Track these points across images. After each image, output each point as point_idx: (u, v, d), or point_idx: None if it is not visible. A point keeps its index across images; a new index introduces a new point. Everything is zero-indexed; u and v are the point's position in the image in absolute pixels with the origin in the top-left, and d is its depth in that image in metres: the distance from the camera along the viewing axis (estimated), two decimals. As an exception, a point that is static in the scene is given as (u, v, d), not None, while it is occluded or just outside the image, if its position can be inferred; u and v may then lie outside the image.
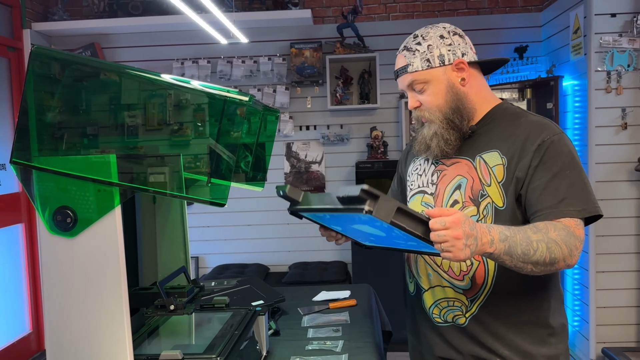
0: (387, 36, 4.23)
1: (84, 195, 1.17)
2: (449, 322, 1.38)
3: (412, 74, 1.37)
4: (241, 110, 1.15)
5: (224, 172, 1.17)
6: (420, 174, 1.48)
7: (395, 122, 4.29)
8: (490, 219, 1.31)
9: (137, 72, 1.17)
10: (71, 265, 1.18)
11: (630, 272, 3.38)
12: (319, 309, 2.03)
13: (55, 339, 1.20)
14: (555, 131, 1.32)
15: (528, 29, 4.25)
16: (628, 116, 3.33)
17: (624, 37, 3.30)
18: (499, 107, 1.40)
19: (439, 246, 1.07)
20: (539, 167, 1.28)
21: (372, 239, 1.29)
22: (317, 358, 1.55)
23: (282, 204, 4.81)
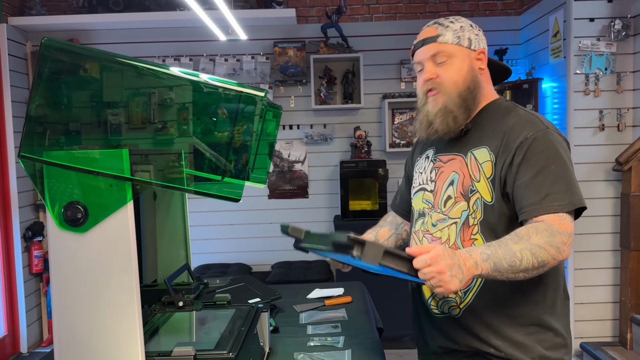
0: (371, 37, 4.27)
1: (95, 191, 1.15)
2: (446, 312, 1.41)
3: (440, 44, 1.38)
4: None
5: (239, 167, 1.17)
6: (421, 172, 1.52)
7: (378, 122, 4.33)
8: (480, 213, 1.34)
9: (153, 67, 1.15)
10: (82, 261, 1.16)
11: (607, 269, 3.49)
12: (315, 306, 2.04)
13: (64, 335, 1.18)
14: (540, 127, 1.33)
15: (507, 32, 4.34)
16: (605, 118, 3.43)
17: (602, 41, 3.40)
18: (493, 102, 1.43)
19: (428, 283, 1.12)
20: (522, 165, 1.30)
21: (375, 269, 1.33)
22: (321, 354, 1.56)
23: (264, 203, 4.80)
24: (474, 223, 1.35)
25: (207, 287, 1.49)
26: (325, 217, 4.38)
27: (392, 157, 4.24)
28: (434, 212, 1.43)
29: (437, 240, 1.41)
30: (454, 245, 1.37)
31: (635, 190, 3.22)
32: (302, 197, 4.39)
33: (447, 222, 1.39)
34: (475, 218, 1.34)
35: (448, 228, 1.39)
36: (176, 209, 1.65)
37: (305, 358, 1.52)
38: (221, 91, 1.16)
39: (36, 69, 1.13)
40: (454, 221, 1.38)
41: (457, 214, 1.38)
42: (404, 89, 4.27)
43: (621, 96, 3.43)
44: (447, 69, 1.38)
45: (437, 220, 1.42)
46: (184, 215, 1.65)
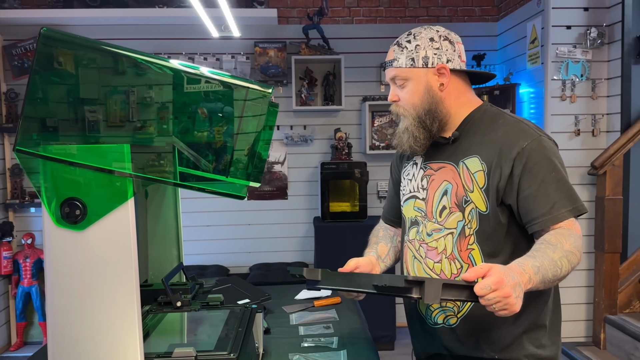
0: (352, 39, 4.28)
1: (94, 187, 1.12)
2: (439, 324, 1.41)
3: (396, 69, 1.41)
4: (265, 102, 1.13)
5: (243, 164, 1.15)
6: (410, 179, 1.51)
7: (358, 125, 4.34)
8: (475, 223, 1.35)
9: (156, 60, 1.13)
10: (79, 259, 1.13)
11: (581, 271, 3.57)
12: (304, 307, 2.02)
13: (59, 336, 1.13)
14: (533, 135, 1.34)
15: (485, 37, 4.41)
16: (581, 123, 3.52)
17: (578, 49, 3.49)
18: (478, 109, 1.43)
19: (492, 307, 1.11)
20: (523, 176, 1.31)
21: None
22: (316, 354, 1.55)
23: (242, 204, 4.73)
24: (470, 233, 1.35)
25: (203, 287, 1.46)
26: (304, 219, 4.36)
27: (372, 159, 4.26)
28: (429, 221, 1.43)
29: (433, 250, 1.40)
30: (450, 255, 1.38)
31: (609, 194, 3.31)
32: (281, 199, 4.36)
33: (443, 232, 1.39)
34: (471, 228, 1.35)
35: (444, 238, 1.39)
36: (168, 208, 1.62)
37: (301, 359, 1.51)
38: (228, 86, 1.13)
39: (34, 60, 1.09)
40: (450, 231, 1.38)
41: (452, 224, 1.38)
42: (383, 92, 4.29)
43: (596, 102, 3.53)
44: (405, 92, 1.41)
45: (432, 230, 1.42)
46: (177, 215, 1.62)
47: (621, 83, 3.37)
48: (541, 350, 1.38)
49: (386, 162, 4.30)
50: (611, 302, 3.35)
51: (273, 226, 4.38)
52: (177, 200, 1.61)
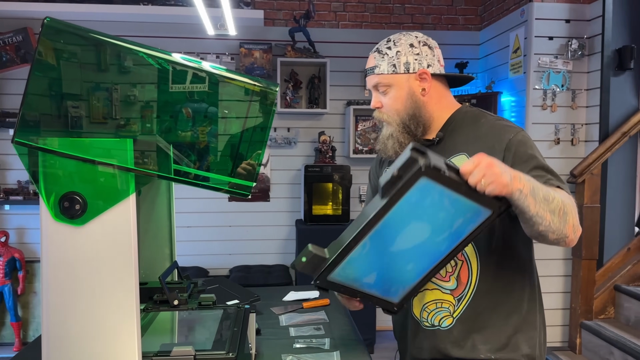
0: (337, 43, 4.30)
1: (96, 181, 1.10)
2: (436, 325, 1.41)
3: (378, 75, 1.43)
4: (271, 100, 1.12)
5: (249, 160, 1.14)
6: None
7: (341, 129, 4.36)
8: None
9: (163, 55, 1.11)
10: (78, 255, 1.10)
11: (558, 277, 3.64)
12: (293, 308, 2.01)
13: (55, 334, 1.11)
14: (516, 129, 1.40)
15: (467, 46, 4.48)
16: (560, 132, 3.60)
17: (560, 59, 3.57)
18: (459, 111, 1.47)
19: (480, 185, 1.08)
20: (516, 165, 1.33)
21: (406, 277, 1.25)
22: (309, 356, 1.54)
23: (223, 205, 4.69)
24: None
25: (197, 286, 1.44)
26: (286, 222, 4.35)
27: (355, 163, 4.27)
28: None
29: None
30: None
31: (587, 202, 3.39)
32: (263, 201, 4.34)
33: None
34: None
35: None
36: (162, 206, 1.60)
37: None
38: (235, 84, 1.13)
39: (36, 50, 1.07)
40: None
41: None
42: (367, 97, 4.32)
43: (575, 112, 3.61)
44: (388, 99, 1.43)
45: None
46: (170, 213, 1.60)
47: (600, 94, 3.45)
48: (537, 350, 1.41)
49: (369, 166, 4.32)
50: (587, 307, 3.42)
51: (254, 228, 4.35)
52: (171, 198, 1.59)
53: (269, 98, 1.13)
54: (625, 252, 3.47)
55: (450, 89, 1.50)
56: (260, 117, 1.14)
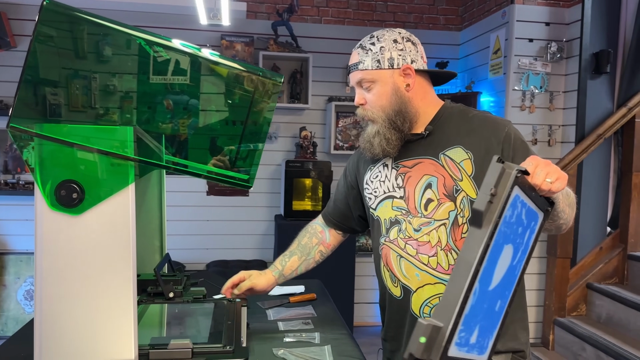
0: (320, 39, 4.29)
1: (94, 170, 1.07)
2: None
3: (362, 71, 1.43)
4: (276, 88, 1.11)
5: (251, 152, 1.13)
6: (383, 180, 1.50)
7: (322, 124, 4.36)
8: (467, 211, 1.38)
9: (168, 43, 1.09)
10: (74, 245, 1.07)
11: (532, 275, 3.72)
12: (280, 302, 2.00)
13: (48, 325, 1.07)
14: (506, 121, 1.43)
15: (447, 46, 4.53)
16: (538, 133, 3.67)
17: (539, 61, 3.64)
18: (444, 107, 1.48)
19: (546, 183, 1.04)
20: (515, 155, 1.37)
21: (495, 319, 1.05)
22: (301, 349, 1.53)
23: (202, 200, 4.64)
24: (463, 222, 1.38)
25: (190, 279, 1.42)
26: (265, 217, 4.33)
27: (336, 159, 4.27)
28: (413, 217, 1.42)
29: (426, 245, 1.40)
30: (446, 246, 1.38)
31: (563, 202, 3.47)
32: (242, 195, 4.31)
33: (434, 225, 1.40)
34: (463, 217, 1.37)
35: (436, 230, 1.39)
36: (152, 198, 1.57)
37: (286, 354, 1.49)
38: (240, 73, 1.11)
39: (34, 33, 1.03)
40: (442, 222, 1.39)
41: (444, 215, 1.39)
42: (349, 93, 4.33)
43: (553, 114, 3.69)
44: (372, 95, 1.43)
45: (420, 224, 1.41)
46: (161, 205, 1.57)
47: (577, 96, 3.53)
48: (528, 338, 1.44)
49: (349, 163, 4.34)
50: (560, 305, 3.51)
51: (232, 223, 4.32)
52: (162, 190, 1.56)
53: (273, 89, 1.11)
54: (598, 251, 3.57)
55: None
56: (263, 107, 1.13)
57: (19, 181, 3.95)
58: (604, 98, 3.52)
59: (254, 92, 1.11)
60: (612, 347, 3.00)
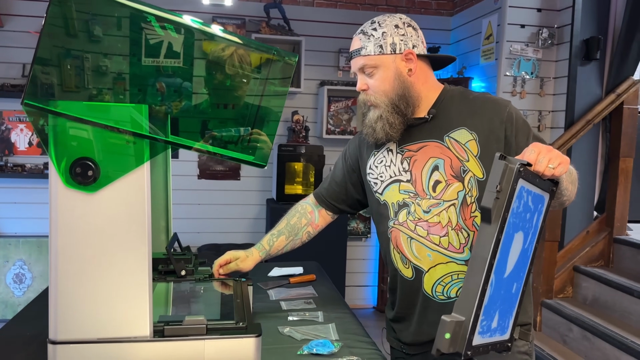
0: (312, 22, 4.27)
1: (109, 147, 1.07)
2: (452, 297, 1.44)
3: (364, 57, 1.44)
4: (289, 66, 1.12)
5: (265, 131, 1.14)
6: (388, 165, 1.52)
7: (314, 109, 4.36)
8: (475, 190, 1.41)
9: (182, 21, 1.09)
10: (90, 222, 1.07)
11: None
12: (280, 283, 2.03)
13: (63, 303, 1.08)
14: (507, 101, 1.46)
15: (438, 31, 4.54)
16: (528, 118, 3.72)
17: (530, 47, 3.68)
18: (444, 91, 1.50)
19: (549, 169, 1.09)
20: (518, 135, 1.41)
21: (512, 301, 1.13)
22: (305, 327, 1.56)
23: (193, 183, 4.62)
24: (472, 201, 1.41)
25: (197, 258, 1.43)
26: (256, 200, 4.34)
27: (328, 143, 4.28)
28: (422, 199, 1.44)
29: (436, 225, 1.42)
30: (457, 226, 1.41)
31: (552, 186, 3.53)
32: (233, 179, 4.31)
33: (444, 206, 1.42)
34: (472, 196, 1.41)
35: (446, 211, 1.42)
36: (158, 178, 1.57)
37: (292, 332, 1.52)
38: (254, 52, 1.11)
39: (49, 8, 1.02)
40: (451, 203, 1.42)
41: (452, 196, 1.42)
42: (341, 78, 4.33)
43: (543, 99, 3.74)
44: (375, 80, 1.44)
45: (429, 205, 1.43)
46: (167, 185, 1.57)
47: (567, 82, 3.58)
48: (532, 311, 1.49)
49: (340, 147, 4.35)
50: (548, 287, 3.58)
51: (224, 207, 4.32)
52: (168, 171, 1.56)
53: (287, 68, 1.12)
54: (585, 235, 3.64)
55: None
56: (278, 87, 1.13)
57: (7, 164, 3.90)
58: (593, 84, 3.57)
59: (268, 72, 1.11)
60: (598, 327, 3.08)
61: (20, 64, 3.91)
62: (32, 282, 3.99)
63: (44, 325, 1.47)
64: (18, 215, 4.00)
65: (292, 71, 1.12)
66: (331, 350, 1.39)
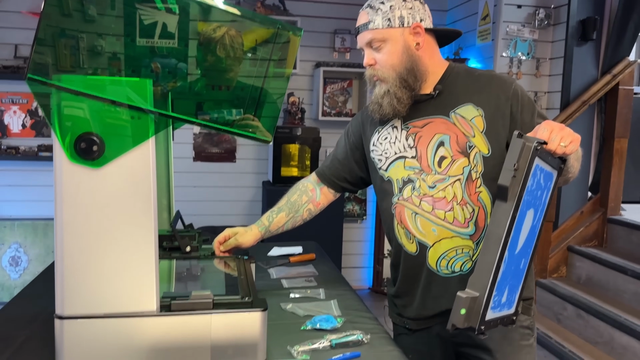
0: (308, 2, 4.23)
1: (114, 122, 1.06)
2: (456, 272, 1.45)
3: (372, 31, 1.43)
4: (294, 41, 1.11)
5: (270, 106, 1.13)
6: (393, 141, 1.52)
7: (309, 90, 4.34)
8: (480, 166, 1.42)
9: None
10: (95, 198, 1.07)
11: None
12: (280, 262, 2.03)
13: (71, 278, 1.08)
14: (512, 78, 1.49)
15: (435, 12, 4.49)
16: (524, 100, 3.72)
17: (527, 28, 3.67)
18: (450, 67, 1.50)
19: (561, 147, 1.12)
20: (523, 111, 1.42)
21: (519, 276, 1.16)
22: (307, 304, 1.57)
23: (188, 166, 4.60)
24: (477, 177, 1.41)
25: (201, 236, 1.43)
26: (252, 183, 4.33)
27: (324, 125, 4.27)
28: (427, 175, 1.45)
29: (442, 200, 1.43)
30: (462, 201, 1.42)
31: (548, 167, 3.55)
32: (229, 161, 4.29)
33: (449, 181, 1.43)
34: (477, 172, 1.41)
35: (452, 186, 1.42)
36: (159, 155, 1.56)
37: (295, 308, 1.53)
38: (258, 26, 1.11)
39: (51, -19, 1.01)
40: (456, 178, 1.42)
41: (458, 171, 1.43)
42: (336, 59, 4.31)
43: (539, 80, 3.74)
44: (382, 54, 1.44)
45: (435, 181, 1.44)
46: (168, 162, 1.56)
47: (563, 63, 3.58)
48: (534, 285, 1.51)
49: (336, 129, 4.34)
50: (542, 267, 3.62)
51: (219, 189, 4.31)
52: (169, 147, 1.55)
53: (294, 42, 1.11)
54: (579, 215, 3.68)
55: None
56: (284, 61, 1.13)
57: (0, 146, 3.87)
58: (589, 65, 3.58)
59: (272, 46, 1.11)
60: (592, 305, 3.13)
61: (12, 44, 3.85)
62: (28, 265, 3.98)
63: (45, 304, 1.48)
64: (13, 198, 3.98)
65: (297, 46, 1.12)
66: (334, 326, 1.40)
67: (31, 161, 3.90)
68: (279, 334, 1.34)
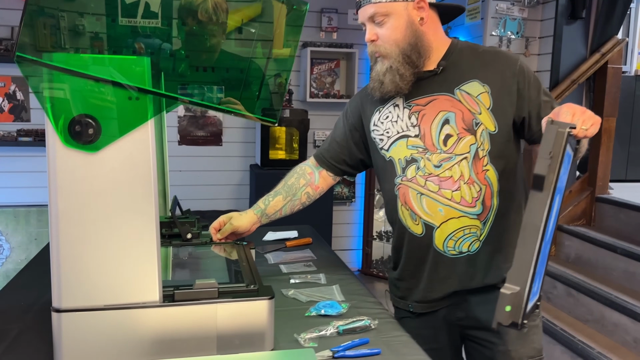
0: (293, -19, 4.13)
1: (110, 104, 1.00)
2: (464, 252, 1.43)
3: (374, 4, 1.38)
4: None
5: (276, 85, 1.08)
6: (395, 120, 1.48)
7: (296, 72, 4.26)
8: (487, 144, 1.39)
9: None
10: (93, 183, 1.01)
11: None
12: (277, 247, 1.99)
13: (68, 269, 1.02)
14: (516, 55, 1.46)
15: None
16: (513, 79, 3.70)
17: (516, 6, 3.64)
18: (453, 44, 1.47)
19: (582, 131, 1.09)
20: (530, 88, 1.40)
21: (543, 262, 1.12)
22: (309, 290, 1.53)
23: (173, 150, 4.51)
24: (484, 154, 1.39)
25: (200, 221, 1.38)
26: (239, 167, 4.27)
27: (312, 107, 4.21)
28: (432, 153, 1.42)
29: (448, 180, 1.40)
30: (469, 179, 1.39)
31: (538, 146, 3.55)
32: (215, 145, 4.22)
33: (455, 160, 1.40)
34: (484, 150, 1.39)
35: (458, 165, 1.40)
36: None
37: (297, 294, 1.49)
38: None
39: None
40: (463, 157, 1.39)
41: (465, 149, 1.40)
42: (323, 39, 4.23)
43: (528, 59, 3.72)
44: (385, 29, 1.39)
45: (441, 160, 1.41)
46: (162, 146, 1.50)
47: (553, 42, 3.57)
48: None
49: (324, 111, 4.29)
50: (532, 246, 3.64)
51: (206, 173, 4.24)
52: (163, 130, 1.49)
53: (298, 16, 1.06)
54: (567, 194, 3.69)
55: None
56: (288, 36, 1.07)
57: (-22, 132, 3.74)
58: (578, 44, 3.57)
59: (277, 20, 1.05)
60: (582, 283, 3.16)
61: (8, 26, 3.72)
62: (11, 253, 3.88)
63: (37, 295, 1.43)
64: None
65: (302, 20, 1.06)
66: (339, 311, 1.37)
67: (10, 147, 3.78)
68: (283, 321, 1.30)
